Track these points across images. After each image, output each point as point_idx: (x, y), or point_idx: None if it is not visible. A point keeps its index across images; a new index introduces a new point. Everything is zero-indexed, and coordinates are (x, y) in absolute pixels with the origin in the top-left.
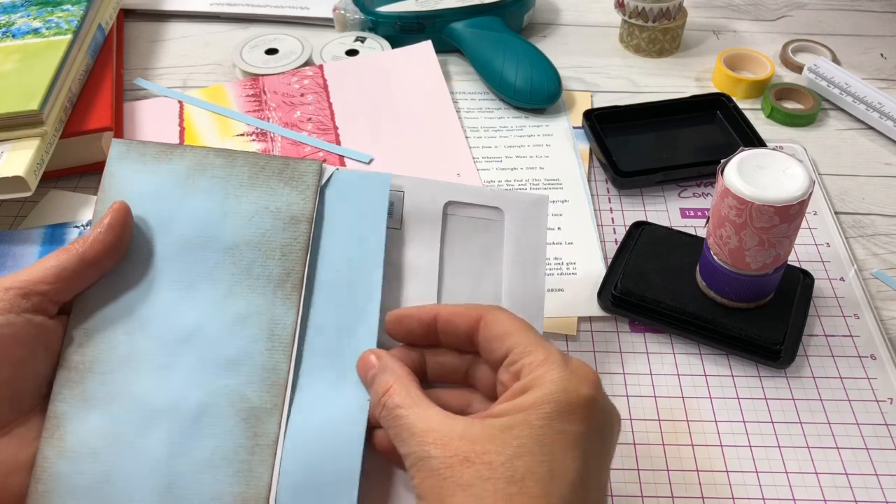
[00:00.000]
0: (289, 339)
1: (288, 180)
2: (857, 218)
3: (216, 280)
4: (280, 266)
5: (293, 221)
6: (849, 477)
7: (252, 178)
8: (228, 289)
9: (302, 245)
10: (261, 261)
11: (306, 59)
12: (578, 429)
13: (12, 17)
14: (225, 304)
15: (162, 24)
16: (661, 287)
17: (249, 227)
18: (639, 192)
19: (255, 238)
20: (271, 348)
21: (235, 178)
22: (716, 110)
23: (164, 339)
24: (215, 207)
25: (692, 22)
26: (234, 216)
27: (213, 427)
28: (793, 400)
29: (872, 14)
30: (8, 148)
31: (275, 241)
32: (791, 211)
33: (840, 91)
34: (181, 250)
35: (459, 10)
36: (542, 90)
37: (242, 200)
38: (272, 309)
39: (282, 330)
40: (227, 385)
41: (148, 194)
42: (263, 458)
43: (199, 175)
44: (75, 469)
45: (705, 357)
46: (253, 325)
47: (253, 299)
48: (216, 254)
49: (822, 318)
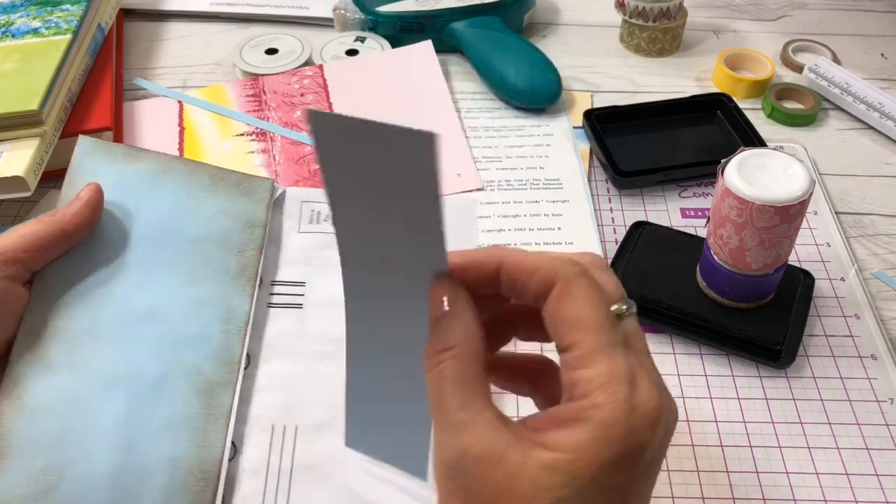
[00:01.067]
0: (243, 323)
1: (245, 191)
2: (858, 218)
3: (176, 268)
4: (237, 262)
5: (249, 226)
6: (849, 477)
7: (212, 185)
8: (188, 276)
9: (257, 246)
10: (219, 255)
11: (306, 59)
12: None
13: (12, 17)
14: (184, 289)
15: (162, 23)
16: (662, 287)
17: (210, 225)
18: (639, 192)
19: (214, 235)
20: (227, 330)
21: (197, 184)
22: (716, 110)
23: (125, 315)
24: (179, 205)
25: (692, 22)
26: (195, 214)
27: (170, 395)
28: (793, 400)
29: (873, 14)
30: (7, 148)
31: (232, 240)
32: (791, 211)
33: (840, 91)
34: (144, 239)
35: (459, 10)
36: (542, 90)
37: (203, 203)
38: (229, 297)
39: (237, 316)
40: (184, 360)
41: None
42: (218, 427)
43: (162, 176)
44: (33, 426)
45: (705, 357)
46: (210, 309)
47: (211, 287)
48: (178, 245)
49: (823, 318)
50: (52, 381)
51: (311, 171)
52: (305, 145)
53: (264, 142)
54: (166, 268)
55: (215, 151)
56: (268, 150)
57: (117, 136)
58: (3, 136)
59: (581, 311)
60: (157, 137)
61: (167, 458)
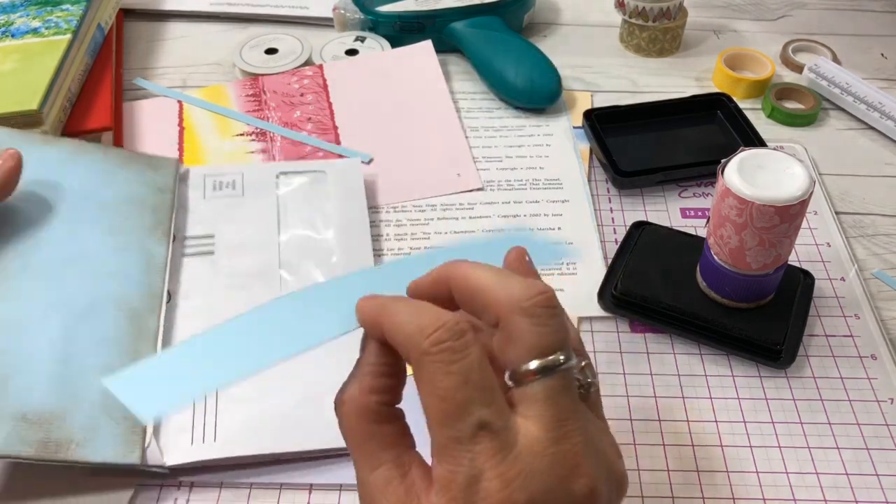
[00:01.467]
0: (162, 266)
1: (154, 167)
2: (858, 218)
3: (97, 223)
4: (152, 217)
5: (160, 191)
6: (849, 477)
7: (124, 162)
8: (108, 229)
9: (168, 206)
10: (136, 212)
11: (306, 59)
12: None
13: (11, 17)
14: (105, 239)
15: (162, 23)
16: (662, 287)
17: (125, 190)
18: (639, 192)
19: (130, 197)
20: (148, 271)
21: (111, 161)
22: (716, 110)
23: (53, 258)
24: (96, 175)
25: (692, 22)
26: (111, 183)
27: (102, 319)
28: (793, 400)
29: (873, 14)
30: None
31: (147, 201)
32: (791, 211)
33: (840, 91)
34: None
35: (459, 10)
36: (542, 90)
37: (118, 175)
38: (146, 245)
39: (156, 259)
40: (111, 290)
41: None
42: (146, 344)
43: (80, 154)
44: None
45: (705, 357)
46: (131, 254)
47: (129, 237)
48: (98, 205)
49: (823, 318)
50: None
51: None
52: (305, 145)
53: (264, 142)
54: (88, 223)
55: (215, 151)
56: (268, 150)
57: (117, 135)
58: None
59: (424, 399)
60: (157, 137)
61: (102, 366)
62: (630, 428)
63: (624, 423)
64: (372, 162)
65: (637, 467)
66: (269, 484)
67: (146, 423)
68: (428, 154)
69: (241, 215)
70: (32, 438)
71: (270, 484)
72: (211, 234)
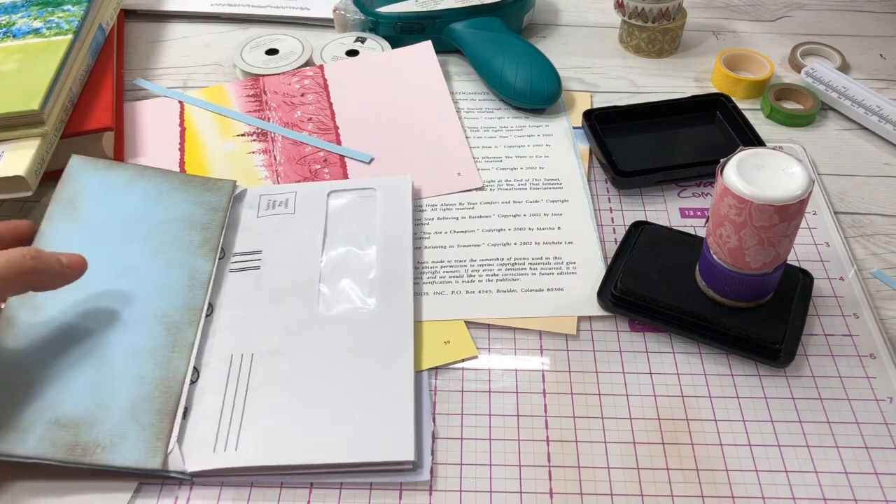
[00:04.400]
0: (205, 281)
1: (209, 189)
2: (857, 217)
3: (148, 241)
4: (201, 235)
5: (212, 210)
6: (848, 476)
7: (181, 184)
8: (158, 247)
9: (219, 224)
10: (185, 231)
11: (306, 60)
12: None
13: (13, 18)
14: (154, 256)
15: (162, 24)
16: (661, 286)
17: (178, 210)
18: (638, 192)
19: (181, 217)
20: (191, 286)
21: (168, 184)
22: (715, 110)
23: (103, 271)
24: (152, 197)
25: (691, 22)
26: (166, 204)
27: (141, 330)
28: (792, 399)
29: (872, 14)
30: (8, 148)
31: (197, 220)
32: (791, 210)
33: (838, 95)
34: (120, 221)
35: (459, 11)
36: (542, 90)
37: (174, 196)
38: (193, 262)
39: (201, 275)
40: (153, 304)
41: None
42: (181, 355)
43: (139, 179)
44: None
45: (705, 356)
46: (178, 270)
47: (178, 255)
48: (149, 225)
49: (822, 317)
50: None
51: (311, 170)
52: (306, 145)
53: (265, 142)
54: (139, 241)
55: (216, 151)
56: (268, 150)
57: (118, 136)
58: (4, 136)
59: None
60: (158, 138)
61: (136, 375)
62: (630, 427)
63: (624, 421)
64: (373, 162)
65: (637, 466)
66: (270, 483)
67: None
68: (428, 154)
69: (290, 232)
70: (61, 442)
71: (271, 483)
72: (258, 249)
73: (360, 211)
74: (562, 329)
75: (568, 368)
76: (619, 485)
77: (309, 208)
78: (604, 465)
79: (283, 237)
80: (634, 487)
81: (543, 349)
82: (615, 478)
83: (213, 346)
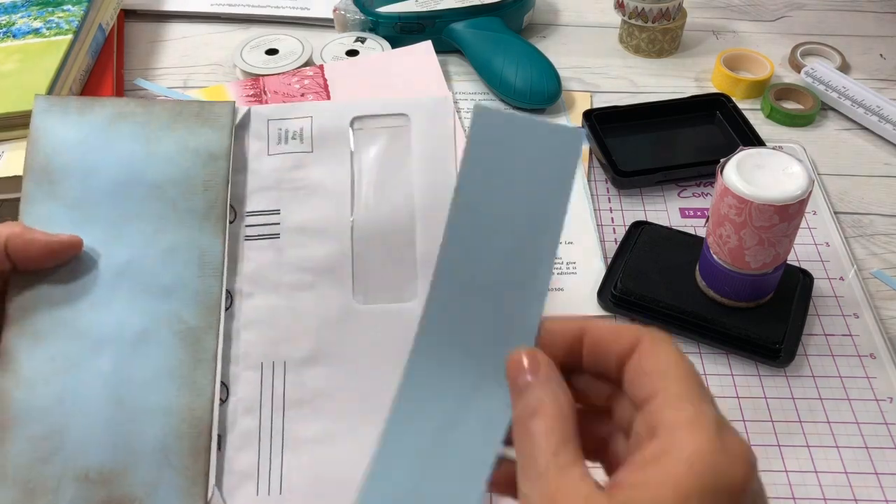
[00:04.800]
0: (218, 265)
1: (204, 121)
2: (857, 217)
3: (144, 217)
4: (203, 199)
5: (212, 158)
6: (848, 476)
7: (171, 121)
8: (157, 224)
9: (222, 179)
10: (185, 195)
11: (306, 60)
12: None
13: (13, 18)
14: (155, 238)
15: (162, 24)
16: (661, 286)
17: (171, 165)
18: (638, 192)
19: (177, 175)
20: (202, 274)
21: (155, 123)
22: (715, 110)
23: (101, 273)
24: (138, 149)
25: (691, 22)
26: (156, 157)
27: (155, 348)
28: (792, 399)
29: (872, 14)
30: (8, 148)
31: (196, 176)
32: (791, 210)
33: (838, 95)
34: (109, 193)
35: (459, 11)
36: (541, 90)
37: (163, 142)
38: (200, 239)
39: (212, 258)
40: (164, 309)
41: (74, 142)
42: (205, 371)
43: (120, 122)
44: (30, 395)
45: (705, 356)
46: (184, 255)
47: (181, 231)
48: (142, 192)
49: (822, 317)
50: (41, 350)
51: None
52: None
53: None
54: (134, 219)
55: None
56: None
57: None
58: (3, 136)
59: (668, 360)
60: None
61: (159, 408)
62: None
63: None
64: None
65: None
66: None
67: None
68: None
69: (310, 181)
70: (95, 498)
71: None
72: (275, 209)
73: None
74: None
75: None
76: None
77: (328, 144)
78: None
79: (302, 191)
80: None
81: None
82: None
83: (240, 352)
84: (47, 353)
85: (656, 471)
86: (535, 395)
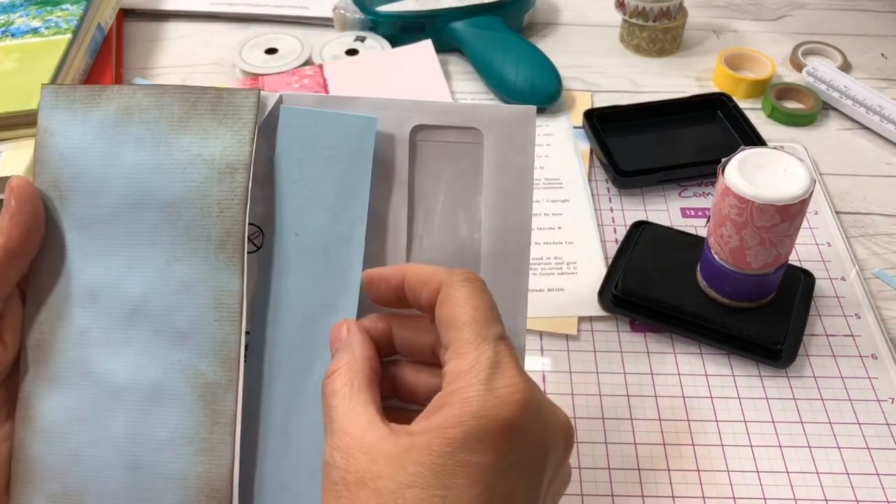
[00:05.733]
0: (236, 307)
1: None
2: (858, 217)
3: (157, 244)
4: (219, 224)
5: (229, 170)
6: (850, 476)
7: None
8: (170, 253)
9: (240, 199)
10: (199, 219)
11: (306, 59)
12: (485, 461)
13: (11, 17)
14: (168, 270)
15: (161, 23)
16: (662, 286)
17: (183, 180)
18: (639, 192)
19: (190, 193)
20: (219, 318)
21: (165, 121)
22: (716, 110)
23: (115, 311)
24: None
25: (692, 22)
26: (166, 169)
27: (171, 405)
28: (794, 399)
29: (873, 14)
30: (7, 147)
31: (211, 195)
32: (792, 210)
33: (839, 94)
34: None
35: (459, 10)
36: (542, 90)
37: (174, 148)
38: (217, 275)
39: (228, 298)
40: (180, 360)
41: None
42: (223, 436)
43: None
44: (47, 449)
45: (706, 356)
46: (199, 293)
47: (196, 264)
48: (153, 214)
49: (823, 317)
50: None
51: None
52: None
53: None
54: (147, 245)
55: None
56: None
57: None
58: (3, 136)
59: (456, 309)
60: None
61: (175, 476)
62: (630, 427)
63: (625, 422)
64: None
65: (637, 466)
66: None
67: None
68: None
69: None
70: None
71: None
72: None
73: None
74: (562, 329)
75: (568, 369)
76: (620, 485)
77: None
78: (604, 466)
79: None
80: (635, 488)
81: (544, 350)
82: (616, 478)
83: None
84: (63, 403)
85: (434, 418)
86: (338, 358)
